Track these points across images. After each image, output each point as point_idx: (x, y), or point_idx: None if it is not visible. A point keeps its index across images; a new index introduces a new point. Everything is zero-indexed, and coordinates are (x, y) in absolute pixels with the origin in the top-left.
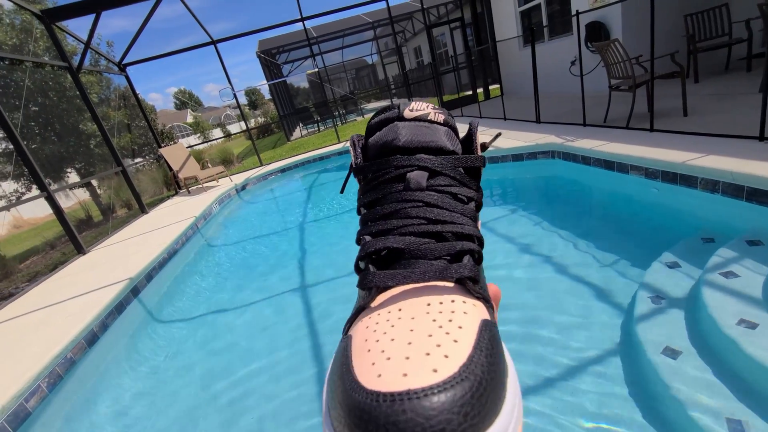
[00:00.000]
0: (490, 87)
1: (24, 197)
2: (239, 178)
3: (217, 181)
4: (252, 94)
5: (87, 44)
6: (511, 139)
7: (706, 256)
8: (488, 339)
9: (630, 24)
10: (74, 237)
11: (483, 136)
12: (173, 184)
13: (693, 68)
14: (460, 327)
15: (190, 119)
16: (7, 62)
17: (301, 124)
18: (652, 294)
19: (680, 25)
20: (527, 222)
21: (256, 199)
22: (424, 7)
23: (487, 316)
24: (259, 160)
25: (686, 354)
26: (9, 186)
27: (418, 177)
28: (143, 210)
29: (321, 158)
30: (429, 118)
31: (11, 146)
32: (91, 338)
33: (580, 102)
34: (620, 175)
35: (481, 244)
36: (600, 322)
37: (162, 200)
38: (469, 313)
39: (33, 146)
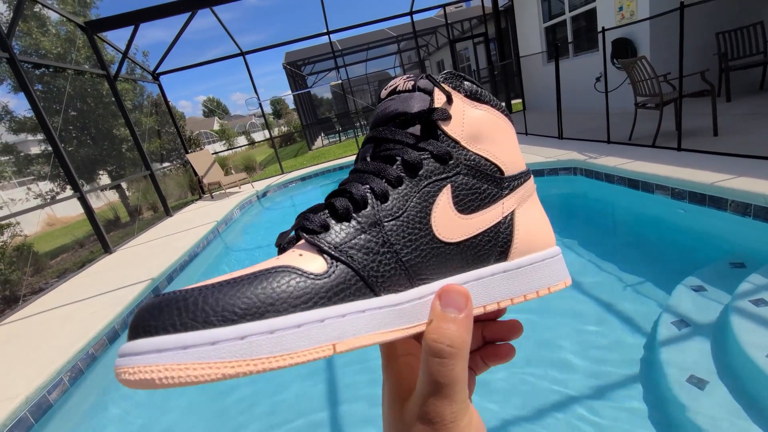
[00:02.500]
0: (512, 101)
1: (58, 197)
2: (261, 185)
3: (240, 188)
4: (277, 103)
5: (125, 54)
6: (532, 155)
7: (734, 281)
8: (260, 278)
9: (658, 41)
10: (102, 236)
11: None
12: (197, 189)
13: (725, 87)
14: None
15: (216, 126)
16: (51, 69)
17: (323, 134)
18: (676, 318)
19: (711, 42)
20: None
21: (276, 206)
22: (449, 22)
23: (294, 264)
24: (280, 168)
25: (713, 384)
26: (45, 186)
27: (362, 152)
28: (168, 213)
29: (341, 168)
30: (398, 90)
31: (50, 148)
32: (113, 335)
33: (604, 119)
34: (645, 195)
35: (364, 200)
36: (621, 345)
37: (186, 204)
38: (272, 261)
39: (69, 149)
